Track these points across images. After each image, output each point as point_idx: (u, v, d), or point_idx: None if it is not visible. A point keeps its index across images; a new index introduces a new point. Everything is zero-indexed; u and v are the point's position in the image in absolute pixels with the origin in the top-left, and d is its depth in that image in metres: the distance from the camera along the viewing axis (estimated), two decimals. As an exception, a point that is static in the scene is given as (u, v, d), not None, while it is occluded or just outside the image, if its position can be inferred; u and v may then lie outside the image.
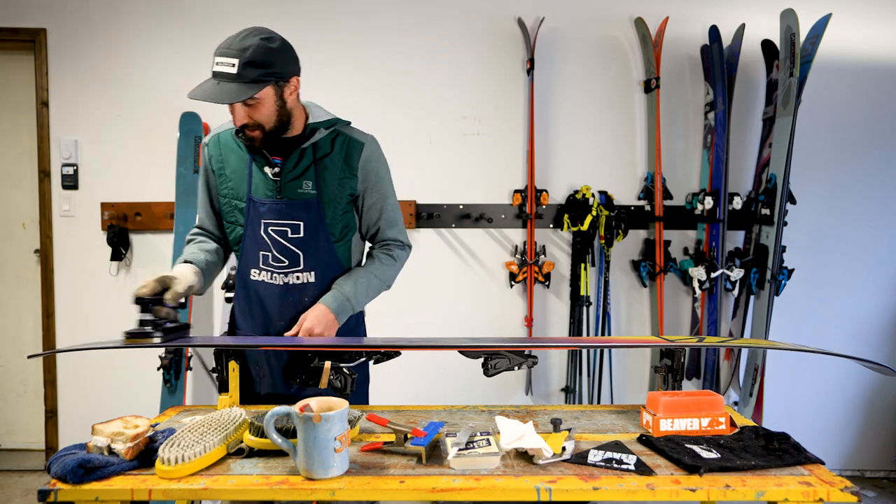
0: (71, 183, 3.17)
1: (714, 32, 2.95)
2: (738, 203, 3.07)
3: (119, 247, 3.14)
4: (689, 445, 1.35)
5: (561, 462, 1.30)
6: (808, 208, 3.16)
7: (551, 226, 3.21)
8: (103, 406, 3.12)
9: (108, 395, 3.22)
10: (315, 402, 1.26)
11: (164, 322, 1.52)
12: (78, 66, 3.15)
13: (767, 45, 3.09)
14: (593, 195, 3.12)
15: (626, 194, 3.21)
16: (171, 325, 1.54)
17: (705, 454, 1.30)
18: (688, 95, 3.20)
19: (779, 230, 2.91)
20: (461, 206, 3.19)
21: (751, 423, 1.54)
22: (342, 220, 1.73)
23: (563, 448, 1.33)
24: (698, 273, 3.04)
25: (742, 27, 3.00)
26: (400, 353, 1.62)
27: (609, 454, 1.32)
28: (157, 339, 1.49)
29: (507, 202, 3.19)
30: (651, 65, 3.09)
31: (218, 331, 3.21)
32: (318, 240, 1.70)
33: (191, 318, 3.06)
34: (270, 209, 1.68)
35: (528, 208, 3.12)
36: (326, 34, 3.15)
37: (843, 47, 3.15)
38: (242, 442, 1.34)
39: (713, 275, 3.04)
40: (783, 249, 2.97)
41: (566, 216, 3.13)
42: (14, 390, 3.46)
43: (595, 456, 1.31)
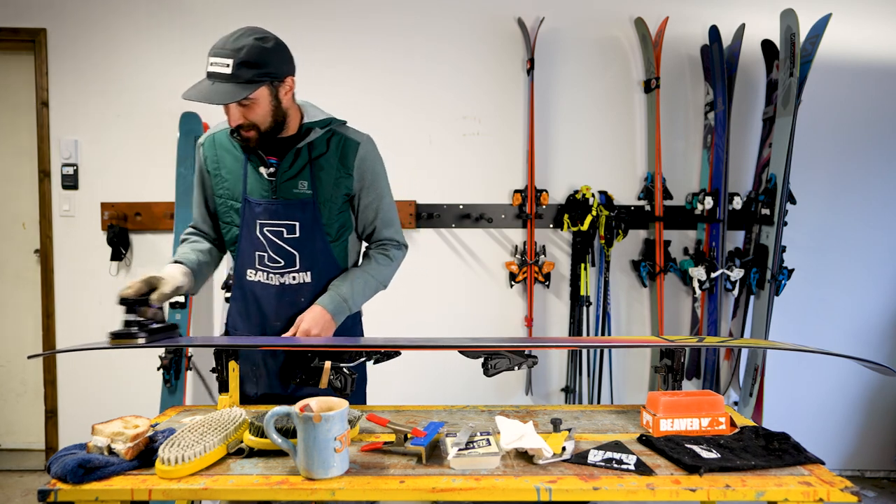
0: (71, 183, 3.17)
1: (714, 32, 2.95)
2: (738, 203, 3.07)
3: (119, 247, 3.14)
4: (689, 445, 1.35)
5: (561, 462, 1.30)
6: (808, 208, 3.16)
7: (551, 226, 3.21)
8: (103, 406, 3.12)
9: (108, 395, 3.23)
10: (315, 402, 1.26)
11: (150, 323, 1.52)
12: (78, 66, 3.15)
13: (767, 45, 3.09)
14: (593, 195, 3.12)
15: (626, 194, 3.21)
16: (158, 325, 1.54)
17: (705, 454, 1.30)
18: (688, 95, 3.20)
19: (779, 230, 2.91)
20: (461, 206, 3.19)
21: (751, 423, 1.54)
22: (338, 220, 1.72)
23: (563, 448, 1.33)
24: (698, 273, 3.04)
25: (742, 27, 3.00)
26: (400, 353, 1.62)
27: (609, 454, 1.32)
28: (142, 340, 1.48)
29: (507, 202, 3.19)
30: (651, 65, 3.09)
31: (218, 331, 3.21)
32: (314, 240, 1.69)
33: (190, 318, 3.06)
34: (266, 209, 1.67)
35: (528, 208, 3.12)
36: (326, 34, 3.15)
37: (843, 47, 3.15)
38: (242, 442, 1.34)
39: (713, 275, 3.04)
40: (783, 249, 2.97)
41: (566, 216, 3.13)
42: (14, 390, 3.46)
43: (595, 456, 1.31)
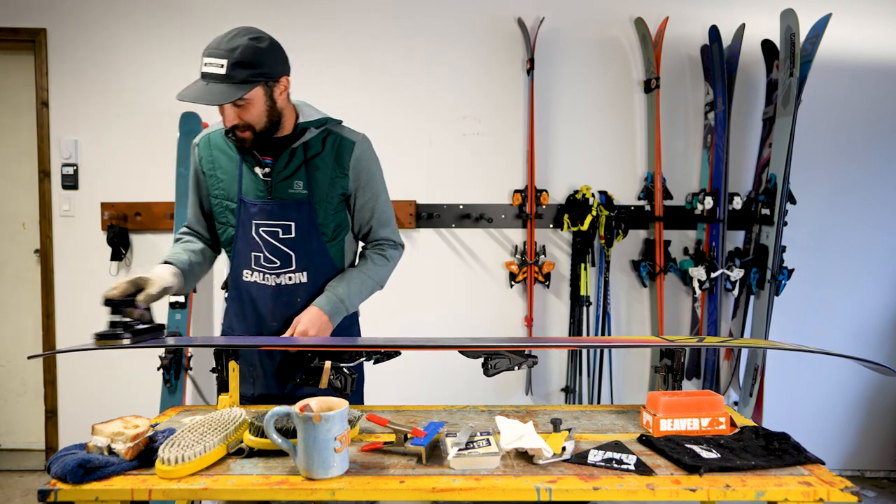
0: (71, 183, 3.17)
1: (714, 32, 2.95)
2: (738, 203, 3.06)
3: (119, 247, 3.14)
4: (689, 445, 1.35)
5: (561, 462, 1.30)
6: (808, 208, 3.16)
7: (551, 226, 3.21)
8: (103, 406, 3.11)
9: (108, 395, 3.23)
10: (315, 402, 1.26)
11: (135, 323, 1.51)
12: (78, 66, 3.15)
13: (767, 45, 3.09)
14: (593, 195, 3.12)
15: (626, 194, 3.21)
16: (144, 326, 1.53)
17: (705, 454, 1.30)
18: (688, 95, 3.20)
19: (779, 230, 2.91)
20: (461, 206, 3.19)
21: (751, 423, 1.54)
22: (334, 220, 1.72)
23: (563, 448, 1.33)
24: (698, 273, 3.04)
25: (742, 27, 3.00)
26: (400, 353, 1.62)
27: (609, 454, 1.32)
28: (127, 341, 1.48)
29: (507, 202, 3.19)
30: (651, 65, 3.09)
31: (217, 331, 3.21)
32: (309, 240, 1.69)
33: (190, 318, 3.06)
34: (261, 210, 1.67)
35: (528, 208, 3.12)
36: (326, 34, 3.14)
37: (843, 47, 3.15)
38: (242, 442, 1.34)
39: (713, 275, 3.04)
40: (783, 249, 2.97)
41: (566, 216, 3.13)
42: (14, 390, 3.46)
43: (595, 456, 1.31)
